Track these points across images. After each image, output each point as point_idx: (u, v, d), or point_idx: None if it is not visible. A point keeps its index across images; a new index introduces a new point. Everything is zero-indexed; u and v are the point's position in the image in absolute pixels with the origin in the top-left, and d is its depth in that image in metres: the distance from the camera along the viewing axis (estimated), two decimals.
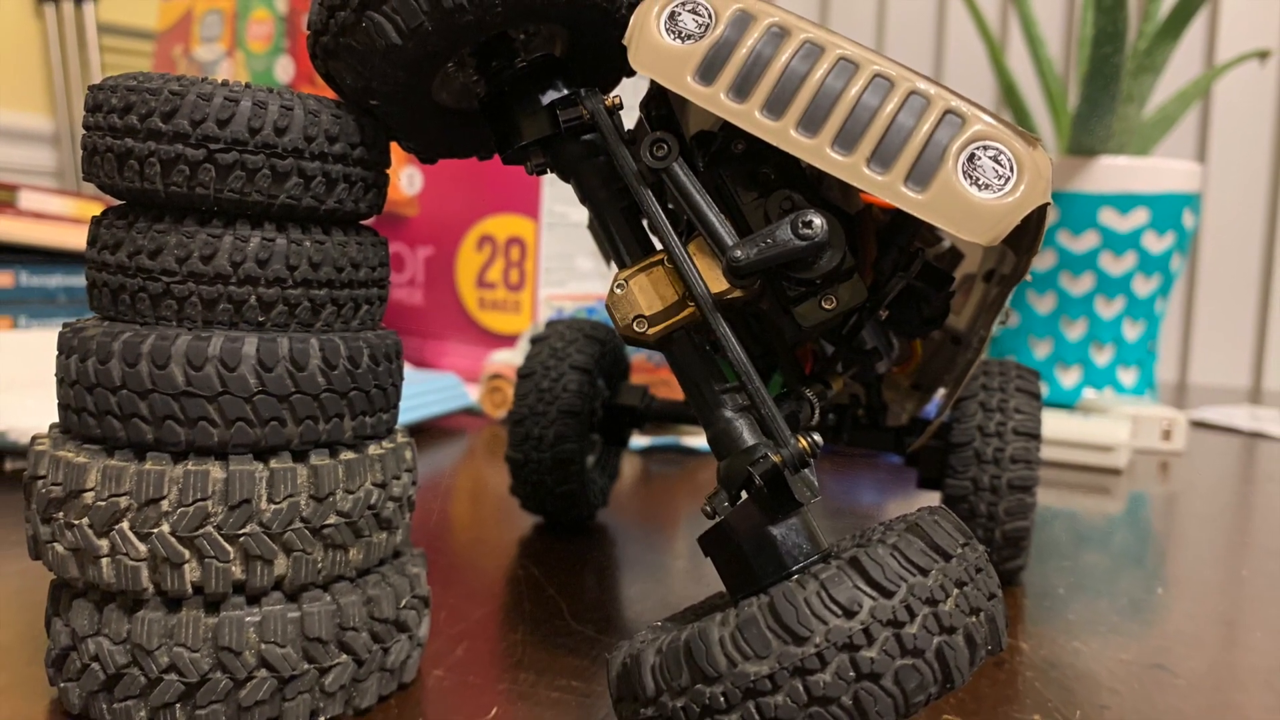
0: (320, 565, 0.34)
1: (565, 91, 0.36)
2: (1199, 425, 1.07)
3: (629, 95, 0.38)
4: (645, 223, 0.35)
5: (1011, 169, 0.30)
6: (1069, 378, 1.05)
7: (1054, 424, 0.86)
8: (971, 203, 0.30)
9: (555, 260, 1.00)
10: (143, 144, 0.32)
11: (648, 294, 0.33)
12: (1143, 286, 1.02)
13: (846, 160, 0.30)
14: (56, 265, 0.95)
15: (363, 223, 0.38)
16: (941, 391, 0.55)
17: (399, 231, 1.05)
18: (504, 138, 0.37)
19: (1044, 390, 1.06)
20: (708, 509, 0.32)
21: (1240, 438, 1.01)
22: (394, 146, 0.40)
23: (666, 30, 0.32)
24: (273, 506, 0.33)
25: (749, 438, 0.32)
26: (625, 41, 0.33)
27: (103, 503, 0.32)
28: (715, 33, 0.32)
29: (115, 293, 0.34)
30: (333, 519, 0.34)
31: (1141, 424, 0.92)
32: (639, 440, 0.82)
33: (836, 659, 0.26)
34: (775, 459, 0.30)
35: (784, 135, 0.31)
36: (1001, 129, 0.30)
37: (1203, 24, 1.39)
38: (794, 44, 0.31)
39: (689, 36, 0.32)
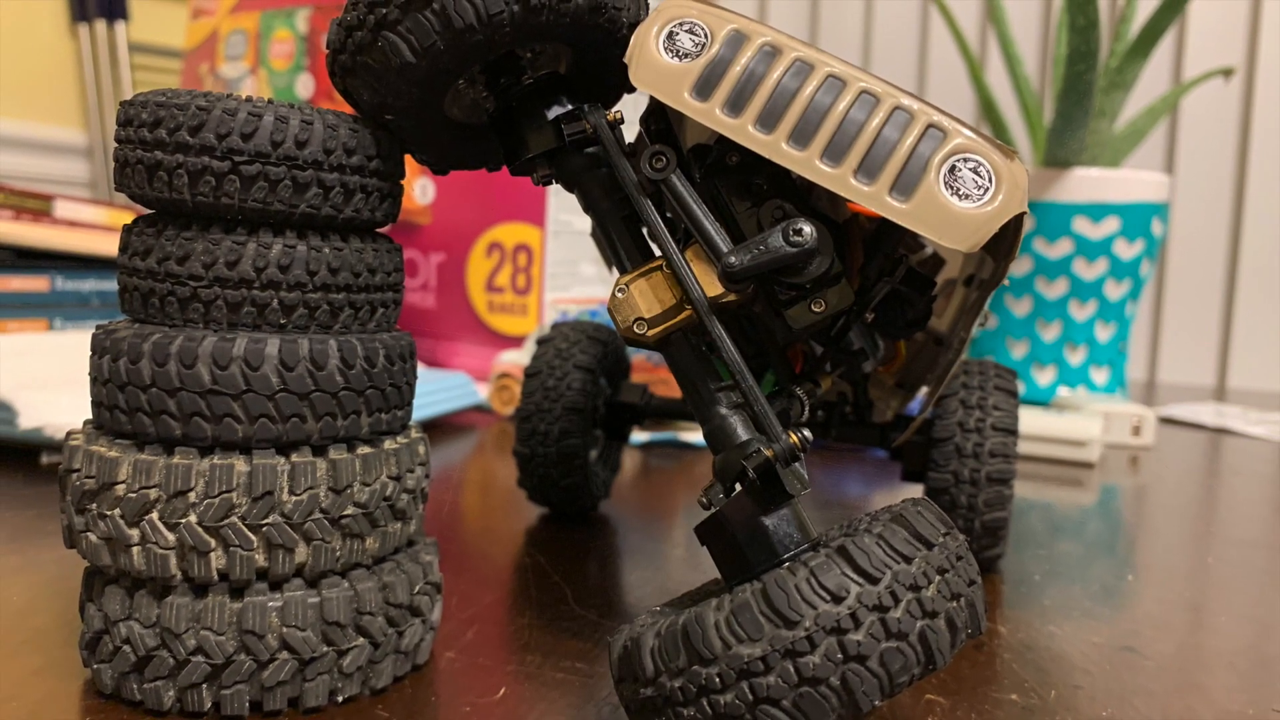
0: (339, 553, 0.34)
1: (569, 107, 0.36)
2: (1167, 421, 1.07)
3: (630, 110, 0.38)
4: (645, 231, 0.35)
5: (990, 180, 0.30)
6: (1044, 377, 1.05)
7: (1030, 420, 0.85)
8: (953, 212, 0.30)
9: (560, 266, 1.00)
10: (171, 156, 0.32)
11: (647, 298, 0.33)
12: (1114, 291, 1.02)
13: (835, 172, 0.30)
14: (90, 270, 0.95)
15: (379, 230, 0.38)
16: (924, 390, 0.55)
17: (413, 239, 1.05)
18: (512, 150, 0.37)
19: (1021, 388, 1.06)
20: (704, 500, 0.32)
21: (1206, 433, 1.01)
22: (408, 159, 0.40)
23: (665, 49, 0.32)
24: (294, 498, 0.33)
25: (743, 433, 0.32)
26: (626, 60, 0.33)
27: (133, 494, 0.32)
28: (711, 51, 0.32)
29: (145, 296, 0.34)
30: (350, 510, 0.34)
31: (1113, 420, 0.92)
32: (639, 436, 0.82)
33: (825, 642, 0.26)
34: (768, 453, 0.30)
35: (776, 148, 0.31)
36: (981, 142, 0.30)
37: (1171, 43, 1.39)
38: (785, 62, 0.31)
39: (686, 55, 0.32)
